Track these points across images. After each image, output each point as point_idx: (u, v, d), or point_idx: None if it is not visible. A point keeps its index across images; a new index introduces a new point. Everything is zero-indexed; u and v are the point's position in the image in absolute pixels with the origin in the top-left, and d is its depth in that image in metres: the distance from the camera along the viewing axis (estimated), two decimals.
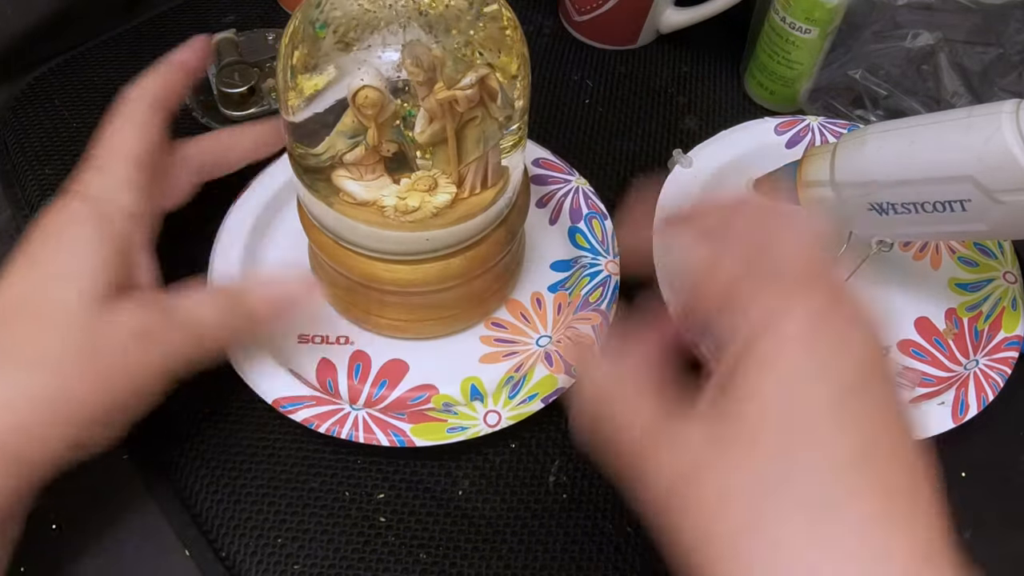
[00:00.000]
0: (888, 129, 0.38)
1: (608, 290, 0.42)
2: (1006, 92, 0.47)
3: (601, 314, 0.41)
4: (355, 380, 0.40)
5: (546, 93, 0.55)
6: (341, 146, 0.32)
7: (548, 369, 0.39)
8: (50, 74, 0.54)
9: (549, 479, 0.39)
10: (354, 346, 0.41)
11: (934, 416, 0.39)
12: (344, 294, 0.40)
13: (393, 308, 0.40)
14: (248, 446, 0.39)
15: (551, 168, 0.47)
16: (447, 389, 0.40)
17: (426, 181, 0.33)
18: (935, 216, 0.37)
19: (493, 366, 0.41)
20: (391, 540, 0.37)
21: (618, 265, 0.43)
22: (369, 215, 0.34)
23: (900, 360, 0.42)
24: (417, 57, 0.30)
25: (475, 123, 0.32)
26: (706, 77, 0.57)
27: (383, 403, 0.40)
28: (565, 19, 0.59)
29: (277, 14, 0.58)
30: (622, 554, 0.37)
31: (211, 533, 0.37)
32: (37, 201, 0.47)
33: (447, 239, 0.36)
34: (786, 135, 0.49)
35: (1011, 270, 0.45)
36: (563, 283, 0.44)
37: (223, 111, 0.50)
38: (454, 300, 0.40)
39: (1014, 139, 0.34)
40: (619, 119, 0.53)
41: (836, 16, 0.48)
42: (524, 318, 0.43)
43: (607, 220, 0.45)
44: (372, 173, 0.33)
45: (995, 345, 0.42)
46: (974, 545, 0.38)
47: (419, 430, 0.37)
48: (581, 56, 0.57)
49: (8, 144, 0.50)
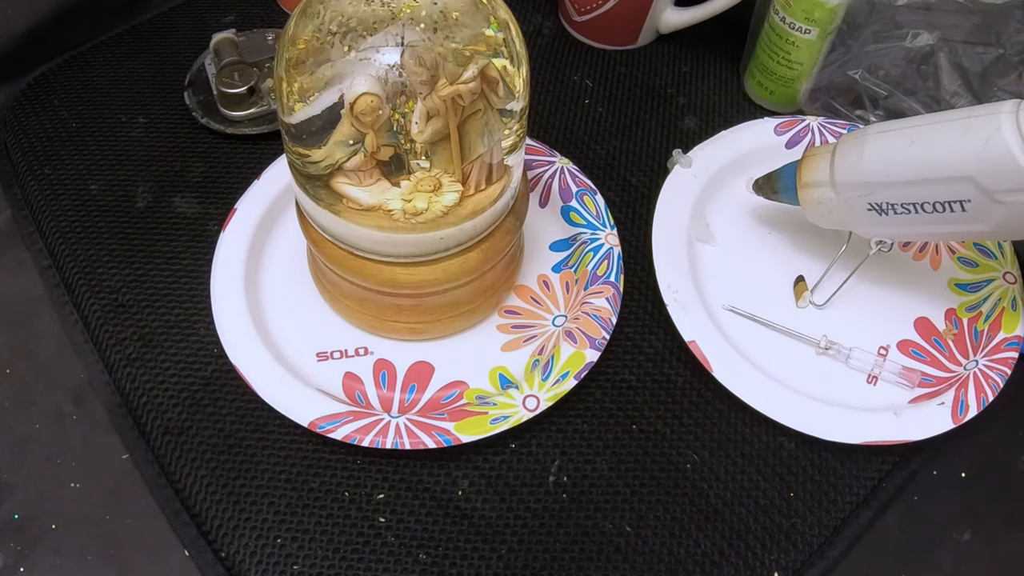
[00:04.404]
0: (888, 129, 0.38)
1: (613, 262, 0.43)
2: (1006, 92, 0.47)
3: (612, 286, 0.42)
4: (384, 388, 0.40)
5: (546, 93, 0.55)
6: (339, 155, 0.32)
7: (573, 346, 0.40)
8: (50, 74, 0.54)
9: (549, 479, 0.39)
10: (375, 355, 0.41)
11: (934, 416, 0.39)
12: (356, 305, 0.40)
13: (409, 311, 0.40)
14: (248, 446, 0.39)
15: (533, 152, 0.48)
16: (477, 383, 0.41)
17: (430, 182, 0.33)
18: (935, 216, 0.37)
19: (516, 352, 0.42)
20: (391, 540, 0.37)
21: (618, 237, 0.44)
22: (379, 220, 0.34)
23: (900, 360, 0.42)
24: (419, 57, 0.30)
25: (477, 116, 0.32)
26: (706, 77, 0.57)
27: (417, 407, 0.40)
28: (565, 19, 0.59)
29: (277, 14, 0.58)
30: (622, 554, 0.37)
31: (211, 533, 0.37)
32: (37, 201, 0.47)
33: (460, 236, 0.36)
34: (786, 135, 0.49)
35: (1011, 270, 0.45)
36: (566, 261, 0.45)
37: (223, 111, 0.50)
38: (469, 294, 0.40)
39: (1014, 139, 0.34)
40: (619, 119, 0.53)
41: (836, 16, 0.48)
42: (535, 301, 0.44)
43: (597, 195, 0.46)
44: (371, 178, 0.33)
45: (995, 345, 0.42)
46: (974, 545, 0.39)
47: (462, 427, 0.37)
48: (581, 56, 0.57)
49: (8, 144, 0.50)
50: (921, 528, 0.39)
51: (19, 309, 0.44)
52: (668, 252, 0.44)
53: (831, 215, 0.41)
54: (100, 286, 0.44)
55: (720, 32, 0.58)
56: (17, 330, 0.43)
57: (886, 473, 0.40)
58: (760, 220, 0.48)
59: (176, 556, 0.37)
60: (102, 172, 0.49)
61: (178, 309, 0.43)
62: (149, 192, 0.48)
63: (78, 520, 0.37)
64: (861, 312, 0.44)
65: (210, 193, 0.48)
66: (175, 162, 0.49)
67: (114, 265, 0.45)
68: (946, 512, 0.39)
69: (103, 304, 0.43)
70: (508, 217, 0.38)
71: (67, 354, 0.42)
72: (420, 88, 0.31)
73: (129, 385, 0.41)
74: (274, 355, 0.40)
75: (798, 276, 0.45)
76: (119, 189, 0.48)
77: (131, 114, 0.52)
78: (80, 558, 0.37)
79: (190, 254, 0.45)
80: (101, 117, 0.52)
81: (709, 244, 0.46)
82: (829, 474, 0.39)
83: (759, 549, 0.37)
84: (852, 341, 0.43)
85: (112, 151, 0.50)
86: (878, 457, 0.40)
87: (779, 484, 0.39)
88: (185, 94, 0.52)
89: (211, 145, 0.50)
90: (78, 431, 0.40)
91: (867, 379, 0.42)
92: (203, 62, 0.53)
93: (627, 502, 0.38)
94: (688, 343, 0.41)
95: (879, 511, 0.39)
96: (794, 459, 0.40)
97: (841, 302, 0.44)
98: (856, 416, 0.39)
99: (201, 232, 0.46)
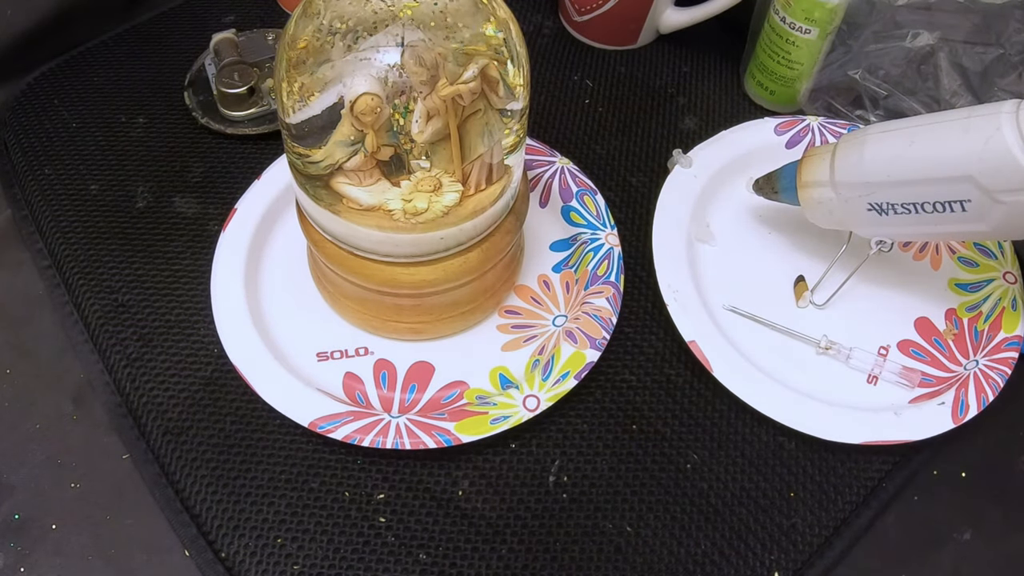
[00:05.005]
0: (888, 129, 0.38)
1: (614, 262, 0.43)
2: (1006, 92, 0.47)
3: (612, 286, 0.42)
4: (384, 388, 0.40)
5: (546, 93, 0.55)
6: (340, 155, 0.32)
7: (573, 346, 0.40)
8: (50, 74, 0.54)
9: (549, 479, 0.39)
10: (375, 355, 0.41)
11: (934, 416, 0.39)
12: (356, 305, 0.40)
13: (409, 312, 0.40)
14: (248, 446, 0.39)
15: (533, 152, 0.48)
16: (477, 383, 0.41)
17: (430, 182, 0.33)
18: (935, 216, 0.37)
19: (516, 352, 0.42)
20: (391, 540, 0.37)
21: (618, 237, 0.44)
22: (380, 220, 0.34)
23: (900, 360, 0.42)
24: (420, 57, 0.30)
25: (477, 116, 0.32)
26: (706, 77, 0.57)
27: (417, 407, 0.40)
28: (565, 19, 0.59)
29: (277, 14, 0.58)
30: (622, 554, 0.37)
31: (211, 533, 0.37)
32: (37, 201, 0.47)
33: (460, 236, 0.36)
34: (786, 135, 0.49)
35: (1011, 270, 0.45)
36: (566, 262, 0.45)
37: (223, 111, 0.50)
38: (469, 294, 0.40)
39: (1014, 139, 0.34)
40: (619, 119, 0.53)
41: (836, 16, 0.48)
42: (535, 301, 0.44)
43: (597, 195, 0.46)
44: (371, 178, 0.33)
45: (995, 345, 0.42)
46: (974, 545, 0.39)
47: (463, 427, 0.37)
48: (581, 56, 0.57)
49: (8, 144, 0.50)
50: (921, 528, 0.39)
51: (19, 309, 0.44)
52: (668, 252, 0.44)
53: (831, 215, 0.41)
54: (100, 286, 0.44)
55: (720, 32, 0.58)
56: (17, 330, 0.43)
57: (886, 473, 0.40)
58: (760, 220, 0.48)
59: (176, 556, 0.37)
60: (102, 172, 0.49)
61: (178, 309, 0.43)
62: (149, 192, 0.48)
63: (78, 520, 0.37)
64: (861, 312, 0.44)
65: (210, 193, 0.48)
66: (175, 162, 0.49)
67: (114, 265, 0.45)
68: (946, 512, 0.39)
69: (103, 304, 0.43)
70: (508, 217, 0.38)
71: (67, 354, 0.42)
72: (420, 88, 0.31)
73: (129, 385, 0.41)
74: (274, 355, 0.40)
75: (798, 276, 0.45)
76: (119, 189, 0.48)
77: (131, 114, 0.52)
78: (80, 558, 0.37)
79: (190, 254, 0.45)
80: (101, 117, 0.52)
81: (709, 244, 0.46)
82: (829, 474, 0.39)
83: (759, 549, 0.37)
84: (852, 341, 0.43)
85: (112, 151, 0.50)
86: (878, 457, 0.40)
87: (779, 484, 0.39)
88: (185, 94, 0.52)
89: (211, 145, 0.50)
90: (78, 431, 0.40)
91: (867, 379, 0.42)
92: (203, 62, 0.53)
93: (627, 502, 0.38)
94: (688, 343, 0.41)
95: (879, 511, 0.39)
96: (794, 459, 0.40)
97: (841, 302, 0.44)
98: (856, 416, 0.39)
99: (201, 232, 0.46)
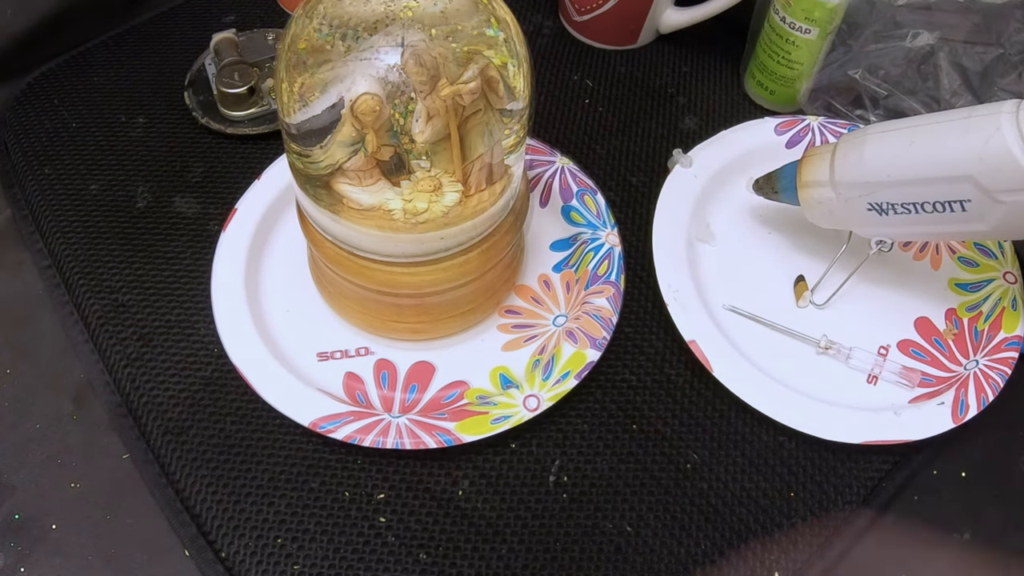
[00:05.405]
0: (888, 129, 0.38)
1: (614, 261, 0.43)
2: (1006, 92, 0.47)
3: (612, 286, 0.42)
4: (384, 388, 0.40)
5: (546, 93, 0.55)
6: (340, 155, 0.32)
7: (574, 346, 0.40)
8: (50, 74, 0.54)
9: (549, 479, 0.39)
10: (375, 356, 0.42)
11: (934, 416, 0.39)
12: (357, 306, 0.40)
13: (409, 312, 0.40)
14: (248, 446, 0.39)
15: (533, 152, 0.48)
16: (478, 383, 0.41)
17: (430, 182, 0.33)
18: (935, 216, 0.37)
19: (517, 352, 0.42)
20: (391, 540, 0.37)
21: (618, 236, 0.44)
22: (380, 221, 0.34)
23: (900, 360, 0.42)
24: (420, 57, 0.30)
25: (478, 116, 0.32)
26: (706, 77, 0.57)
27: (418, 407, 0.40)
28: (565, 19, 0.59)
29: (277, 14, 0.58)
30: (622, 554, 0.37)
31: (211, 533, 0.37)
32: (37, 201, 0.47)
33: (461, 236, 0.36)
34: (786, 135, 0.49)
35: (1011, 270, 0.45)
36: (566, 261, 0.45)
37: (223, 111, 0.50)
38: (470, 295, 0.40)
39: (1014, 139, 0.34)
40: (619, 119, 0.53)
41: (836, 16, 0.48)
42: (536, 301, 0.44)
43: (598, 195, 0.46)
44: (371, 178, 0.33)
45: (995, 345, 0.42)
46: (974, 545, 0.39)
47: (463, 427, 0.37)
48: (581, 56, 0.57)
49: (8, 144, 0.50)
50: (921, 528, 0.39)
51: (19, 309, 0.44)
52: (668, 252, 0.44)
53: (831, 215, 0.41)
54: (100, 286, 0.44)
55: (720, 32, 0.58)
56: (17, 330, 0.43)
57: (886, 473, 0.40)
58: (760, 220, 0.48)
59: (176, 556, 0.37)
60: (102, 172, 0.49)
61: (178, 309, 0.43)
62: (149, 192, 0.48)
63: (78, 520, 0.37)
64: (861, 312, 0.44)
65: (210, 193, 0.48)
66: (175, 162, 0.49)
67: (114, 265, 0.45)
68: (946, 512, 0.39)
69: (103, 304, 0.43)
70: (508, 217, 0.38)
71: (67, 354, 0.42)
72: (420, 88, 0.31)
73: (129, 385, 0.41)
74: (274, 355, 0.40)
75: (798, 276, 0.45)
76: (119, 189, 0.48)
77: (131, 114, 0.52)
78: (80, 558, 0.37)
79: (190, 254, 0.45)
80: (101, 117, 0.52)
81: (709, 244, 0.46)
82: (829, 474, 0.39)
83: (759, 549, 0.37)
84: (852, 341, 0.43)
85: (112, 151, 0.50)
86: (878, 457, 0.40)
87: (779, 484, 0.39)
88: (185, 94, 0.52)
89: (211, 145, 0.50)
90: (78, 431, 0.40)
91: (867, 379, 0.42)
92: (203, 62, 0.53)
93: (627, 502, 0.38)
94: (688, 343, 0.41)
95: (879, 511, 0.39)
96: (794, 459, 0.40)
97: (841, 302, 0.44)
98: (856, 416, 0.39)
99: (201, 232, 0.46)
